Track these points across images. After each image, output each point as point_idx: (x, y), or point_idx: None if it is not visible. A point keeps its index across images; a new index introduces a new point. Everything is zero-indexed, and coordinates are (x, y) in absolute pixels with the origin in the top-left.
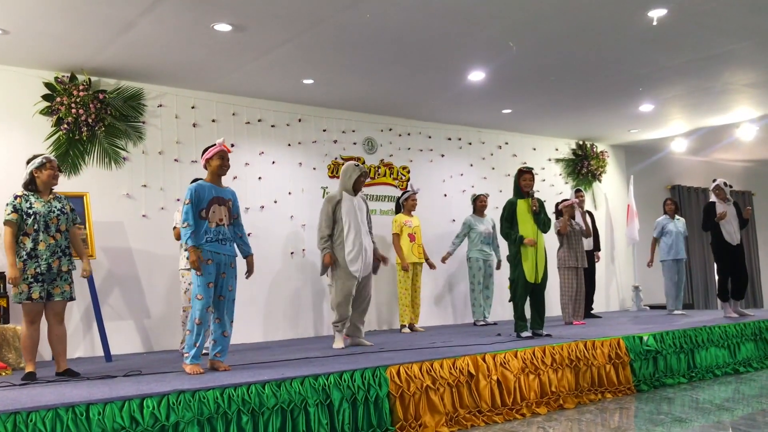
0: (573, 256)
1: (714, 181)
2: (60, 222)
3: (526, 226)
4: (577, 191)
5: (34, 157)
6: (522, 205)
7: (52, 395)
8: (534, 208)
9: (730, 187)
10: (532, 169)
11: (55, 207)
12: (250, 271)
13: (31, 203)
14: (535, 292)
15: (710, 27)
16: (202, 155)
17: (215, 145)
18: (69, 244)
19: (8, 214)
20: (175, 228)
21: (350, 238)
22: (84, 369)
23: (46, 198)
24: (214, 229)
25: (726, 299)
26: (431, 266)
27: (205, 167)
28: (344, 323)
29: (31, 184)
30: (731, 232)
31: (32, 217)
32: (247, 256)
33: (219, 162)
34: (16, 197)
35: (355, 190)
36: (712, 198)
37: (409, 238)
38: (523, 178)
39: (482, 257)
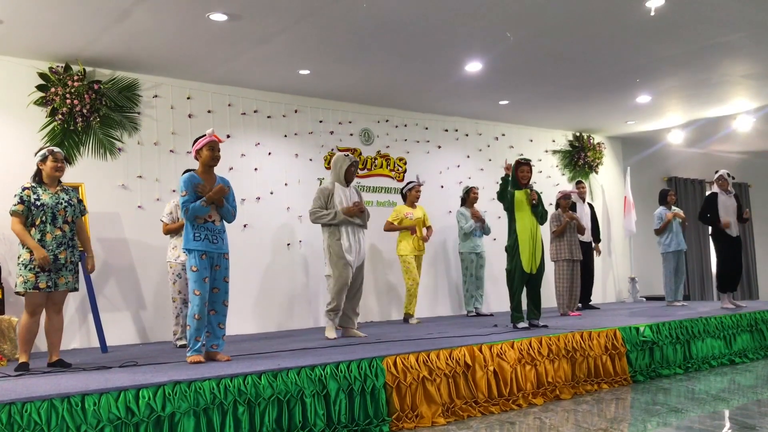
0: (567, 248)
1: (717, 172)
2: (67, 213)
3: (523, 216)
4: (578, 182)
5: (41, 149)
6: (519, 196)
7: (47, 386)
8: (533, 200)
9: (733, 178)
10: (530, 160)
11: (63, 199)
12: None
13: (38, 195)
14: (531, 282)
15: (707, 18)
16: (193, 146)
17: (205, 135)
18: (75, 236)
19: (15, 205)
20: (163, 221)
21: (344, 228)
22: (80, 360)
23: (54, 190)
24: (203, 226)
25: (725, 290)
26: None
27: (196, 158)
28: (338, 313)
29: (37, 176)
30: (731, 223)
31: (40, 209)
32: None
33: (209, 153)
34: (24, 189)
35: (347, 180)
36: (714, 189)
37: (409, 231)
38: (521, 170)
39: (474, 250)
